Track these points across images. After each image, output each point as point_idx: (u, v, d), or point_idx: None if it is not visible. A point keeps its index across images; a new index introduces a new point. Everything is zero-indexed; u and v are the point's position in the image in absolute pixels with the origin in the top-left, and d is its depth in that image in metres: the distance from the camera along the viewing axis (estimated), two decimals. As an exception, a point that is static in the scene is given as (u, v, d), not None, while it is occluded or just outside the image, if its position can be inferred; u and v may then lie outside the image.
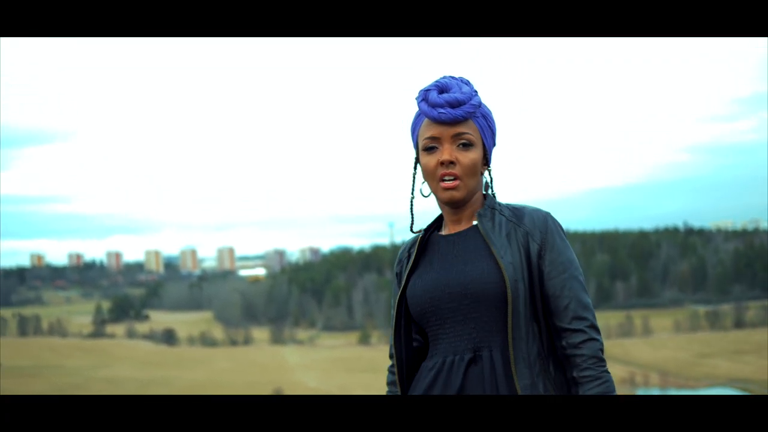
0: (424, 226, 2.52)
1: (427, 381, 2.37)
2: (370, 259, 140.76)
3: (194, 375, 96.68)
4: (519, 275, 2.31)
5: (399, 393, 2.47)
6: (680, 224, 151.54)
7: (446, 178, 2.36)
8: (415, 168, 2.49)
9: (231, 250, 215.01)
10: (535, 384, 2.30)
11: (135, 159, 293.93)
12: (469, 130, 2.37)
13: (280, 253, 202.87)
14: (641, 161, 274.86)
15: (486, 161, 2.45)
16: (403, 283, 2.45)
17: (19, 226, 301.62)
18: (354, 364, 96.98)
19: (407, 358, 2.46)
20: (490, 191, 2.47)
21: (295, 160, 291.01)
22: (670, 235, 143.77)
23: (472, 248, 2.38)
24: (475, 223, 2.42)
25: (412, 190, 2.49)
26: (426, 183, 2.45)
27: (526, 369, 2.30)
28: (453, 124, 2.36)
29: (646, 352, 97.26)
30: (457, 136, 2.36)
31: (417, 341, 2.47)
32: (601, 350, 2.35)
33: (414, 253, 2.46)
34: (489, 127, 2.42)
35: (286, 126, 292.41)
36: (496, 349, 2.31)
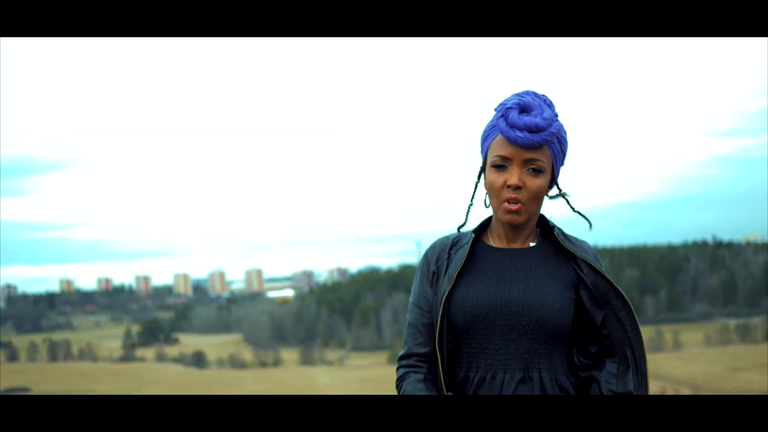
0: (471, 229, 2.51)
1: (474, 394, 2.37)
2: (398, 279, 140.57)
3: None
4: (571, 305, 2.39)
5: (434, 386, 2.46)
6: (709, 238, 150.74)
7: (511, 201, 2.35)
8: (479, 177, 2.49)
9: (259, 272, 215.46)
10: None
11: (162, 182, 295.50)
12: (542, 157, 2.35)
13: (308, 274, 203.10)
14: (669, 175, 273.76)
15: (553, 184, 2.46)
16: (450, 284, 2.42)
17: (48, 251, 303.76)
18: (384, 384, 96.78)
19: (446, 359, 2.44)
20: (564, 199, 2.50)
21: (321, 181, 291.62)
22: (698, 248, 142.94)
23: (533, 270, 2.39)
24: (532, 244, 2.44)
25: (472, 197, 2.49)
26: (488, 195, 2.45)
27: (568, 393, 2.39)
28: (528, 148, 2.33)
29: (677, 367, 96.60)
30: (528, 161, 2.34)
31: (451, 343, 2.44)
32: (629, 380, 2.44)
33: (462, 257, 2.45)
34: (562, 151, 2.41)
35: (313, 146, 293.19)
36: (545, 371, 2.34)
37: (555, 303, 2.35)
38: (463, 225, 2.51)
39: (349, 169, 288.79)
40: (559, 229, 2.46)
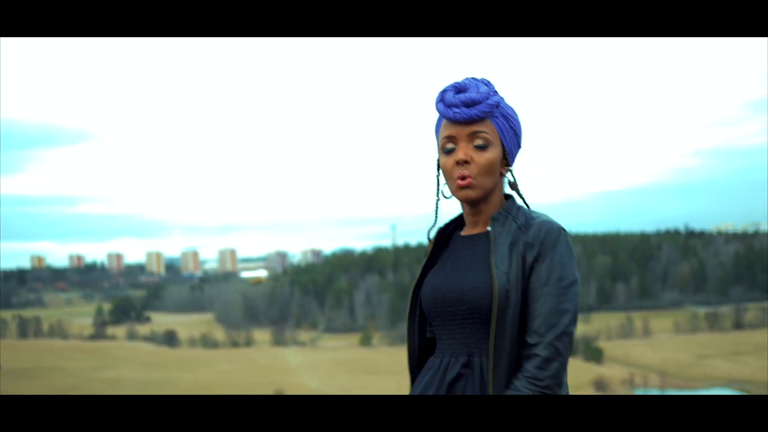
0: (443, 224, 2.54)
1: (426, 378, 2.42)
2: (372, 261, 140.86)
3: (195, 376, 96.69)
4: (513, 285, 2.29)
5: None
6: (681, 227, 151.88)
7: (461, 177, 2.37)
8: (438, 170, 2.50)
9: (233, 252, 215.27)
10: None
11: (136, 160, 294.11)
12: (486, 129, 2.37)
13: (282, 255, 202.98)
14: (643, 164, 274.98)
15: (506, 162, 2.45)
16: (416, 279, 2.50)
17: (20, 227, 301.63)
18: (355, 366, 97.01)
19: (419, 347, 2.51)
20: (516, 192, 2.48)
21: (297, 163, 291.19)
22: (671, 237, 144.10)
23: (477, 254, 2.40)
24: (488, 228, 2.41)
25: (437, 192, 2.51)
26: (446, 183, 2.47)
27: (504, 378, 2.28)
28: (469, 123, 2.36)
29: (646, 353, 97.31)
30: (473, 135, 2.37)
31: (430, 332, 2.51)
32: (543, 368, 2.26)
33: (437, 247, 2.51)
34: (511, 127, 2.42)
35: (290, 128, 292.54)
36: (485, 356, 2.32)
37: (482, 287, 2.32)
38: (433, 225, 2.54)
39: (326, 152, 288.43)
40: (518, 208, 2.44)
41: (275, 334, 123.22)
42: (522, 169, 2.50)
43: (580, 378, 77.29)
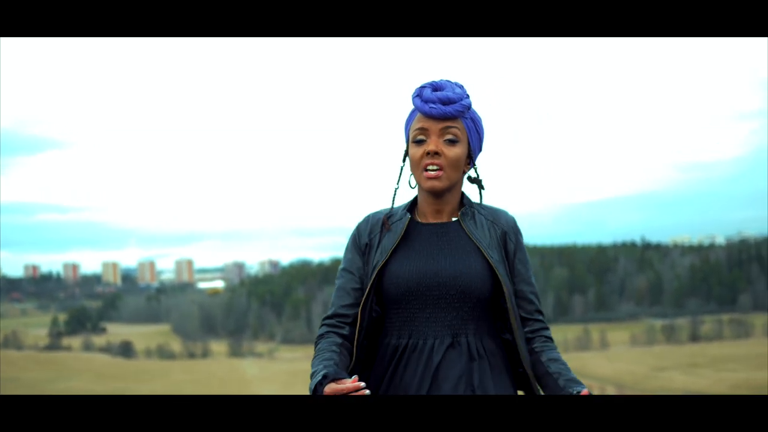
0: (401, 206, 2.71)
1: (406, 360, 2.56)
2: (330, 272, 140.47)
3: (152, 388, 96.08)
4: (506, 273, 2.59)
5: (347, 351, 2.63)
6: (638, 239, 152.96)
7: (430, 167, 2.56)
8: (404, 160, 2.70)
9: (190, 263, 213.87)
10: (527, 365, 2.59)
11: (93, 169, 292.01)
12: (457, 126, 2.57)
13: (240, 266, 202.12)
14: (600, 177, 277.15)
15: (470, 160, 2.66)
16: (384, 258, 2.60)
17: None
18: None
19: (368, 324, 2.62)
20: (479, 186, 2.71)
21: (254, 174, 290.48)
22: (627, 249, 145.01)
23: (460, 243, 2.59)
24: (455, 219, 2.63)
25: (398, 180, 2.70)
26: (412, 175, 2.65)
27: (525, 353, 2.60)
28: (442, 119, 2.56)
29: (603, 366, 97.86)
30: (444, 130, 2.56)
31: (376, 312, 2.63)
32: (550, 332, 2.66)
33: (398, 233, 2.63)
34: (476, 130, 2.63)
35: (247, 139, 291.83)
36: (472, 336, 2.54)
37: (477, 273, 2.54)
38: (390, 209, 2.70)
39: (283, 163, 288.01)
40: (477, 204, 2.68)
41: (232, 345, 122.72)
42: (484, 177, 2.68)
43: (537, 390, 77.54)
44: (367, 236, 2.68)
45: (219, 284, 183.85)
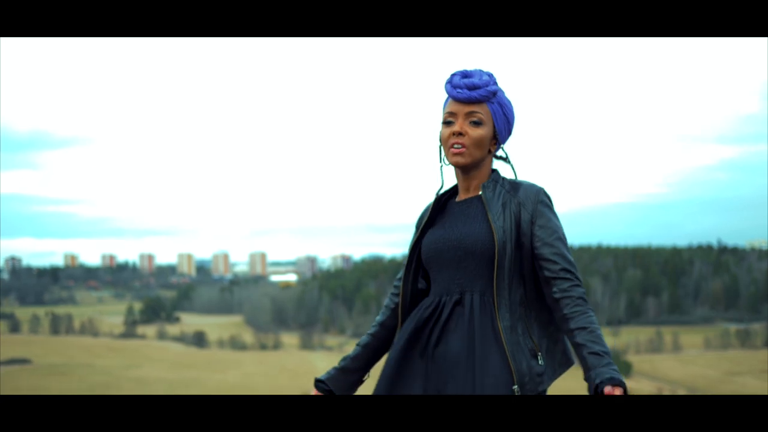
0: (441, 191, 3.00)
1: (420, 313, 2.89)
2: (401, 268, 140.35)
3: (223, 377, 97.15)
4: (508, 237, 2.78)
5: (394, 322, 3.03)
6: (714, 242, 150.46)
7: (455, 145, 2.85)
8: (440, 140, 2.95)
9: (263, 256, 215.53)
10: (514, 326, 2.77)
11: (172, 163, 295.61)
12: (481, 111, 2.84)
13: (312, 260, 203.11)
14: (676, 177, 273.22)
15: (496, 141, 2.92)
16: (418, 234, 2.97)
17: (54, 226, 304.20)
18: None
19: (411, 294, 2.98)
20: (508, 163, 2.95)
21: (330, 168, 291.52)
22: (703, 252, 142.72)
23: (473, 213, 2.87)
24: (480, 192, 2.90)
25: (440, 158, 2.97)
26: (442, 150, 2.95)
27: (507, 313, 2.78)
28: (468, 103, 2.85)
29: (676, 369, 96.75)
30: (470, 114, 2.84)
31: (422, 284, 3.00)
32: (584, 293, 2.77)
33: (428, 213, 2.98)
34: (504, 114, 2.89)
35: (324, 134, 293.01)
36: (477, 294, 2.82)
37: (480, 235, 2.79)
38: (441, 187, 2.99)
39: (359, 158, 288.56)
40: (504, 178, 2.91)
41: (303, 337, 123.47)
42: (552, 175, 2.89)
43: (607, 391, 76.84)
44: (420, 218, 3.04)
45: (291, 277, 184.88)
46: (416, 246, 2.98)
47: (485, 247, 2.79)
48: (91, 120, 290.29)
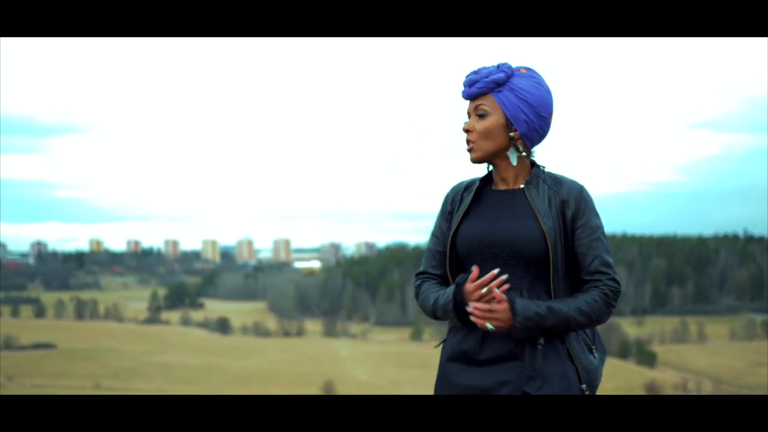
0: (479, 177, 2.95)
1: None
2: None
3: (246, 364, 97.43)
4: (558, 237, 2.75)
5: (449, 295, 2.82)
6: (740, 231, 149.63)
7: (468, 143, 2.83)
8: None
9: (287, 242, 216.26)
10: None
11: (197, 149, 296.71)
12: (485, 102, 2.80)
13: (336, 247, 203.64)
14: (703, 166, 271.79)
15: (514, 128, 2.82)
16: (457, 222, 2.87)
17: (80, 211, 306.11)
18: (405, 360, 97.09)
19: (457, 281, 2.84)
20: (532, 156, 2.88)
21: (355, 155, 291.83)
22: (729, 242, 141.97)
23: (519, 209, 2.80)
24: (521, 186, 2.83)
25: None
26: None
27: None
28: (472, 99, 2.83)
29: (701, 359, 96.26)
30: (476, 108, 2.82)
31: (461, 277, 2.82)
32: (613, 291, 2.75)
33: (468, 200, 2.90)
34: (518, 98, 2.80)
35: (348, 121, 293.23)
36: (525, 292, 2.76)
37: (530, 236, 2.75)
38: (473, 179, 2.96)
39: (384, 145, 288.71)
40: (547, 173, 2.87)
41: (327, 325, 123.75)
42: (580, 162, 2.77)
43: (632, 381, 76.66)
44: (450, 204, 2.95)
45: (315, 264, 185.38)
46: (454, 236, 2.89)
47: (537, 247, 2.74)
48: (118, 107, 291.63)
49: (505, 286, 2.66)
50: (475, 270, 2.70)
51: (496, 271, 2.69)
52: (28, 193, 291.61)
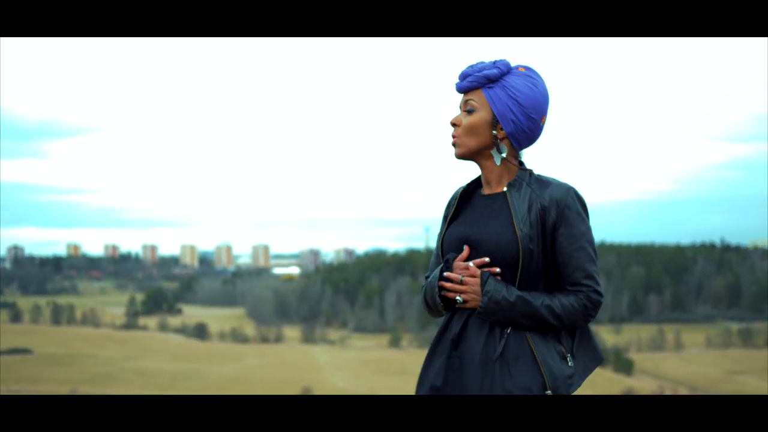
0: (465, 184, 2.93)
1: (450, 315, 2.81)
2: (405, 263, 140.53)
3: (224, 370, 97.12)
4: (535, 244, 2.70)
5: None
6: (717, 240, 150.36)
7: (452, 137, 2.81)
8: None
9: (266, 248, 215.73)
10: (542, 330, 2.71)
11: (175, 154, 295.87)
12: (474, 98, 2.77)
13: (315, 253, 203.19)
14: (680, 175, 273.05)
15: (500, 126, 2.78)
16: (445, 227, 2.90)
17: (56, 215, 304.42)
18: (384, 366, 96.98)
19: None
20: (497, 151, 2.81)
21: (334, 162, 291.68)
22: (706, 250, 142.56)
23: (498, 213, 2.78)
24: (505, 189, 2.79)
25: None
26: None
27: None
28: (462, 92, 2.81)
29: (677, 367, 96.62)
30: (465, 103, 2.80)
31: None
32: (594, 302, 2.73)
33: (455, 204, 2.90)
34: (509, 96, 2.75)
35: (327, 127, 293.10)
36: None
37: (503, 240, 2.70)
38: (468, 184, 2.96)
39: (362, 152, 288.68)
40: (534, 176, 2.81)
41: (305, 331, 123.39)
42: (558, 168, 2.79)
43: (609, 389, 76.83)
44: (447, 208, 2.94)
45: (294, 270, 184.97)
46: (442, 240, 2.91)
47: (508, 253, 2.72)
48: (96, 111, 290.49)
49: (484, 260, 2.69)
50: (466, 249, 2.73)
51: (486, 259, 2.70)
52: (5, 196, 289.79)
